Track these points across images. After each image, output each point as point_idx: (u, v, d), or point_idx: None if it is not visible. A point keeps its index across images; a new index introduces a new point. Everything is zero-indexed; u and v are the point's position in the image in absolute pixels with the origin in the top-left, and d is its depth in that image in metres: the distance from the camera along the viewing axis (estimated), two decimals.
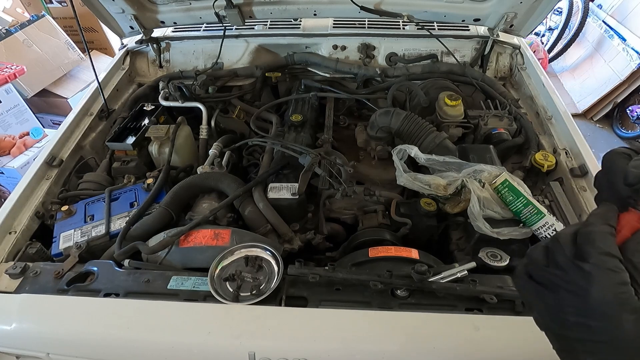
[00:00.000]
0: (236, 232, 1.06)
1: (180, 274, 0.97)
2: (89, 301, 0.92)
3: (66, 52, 3.39)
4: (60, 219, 1.20)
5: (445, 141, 1.28)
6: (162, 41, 1.86)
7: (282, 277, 0.92)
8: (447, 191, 1.09)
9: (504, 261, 0.99)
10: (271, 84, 1.90)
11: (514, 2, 1.49)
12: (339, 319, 0.86)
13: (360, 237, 1.15)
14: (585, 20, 4.03)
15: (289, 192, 1.21)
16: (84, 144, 1.51)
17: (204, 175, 1.29)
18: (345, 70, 1.77)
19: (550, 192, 1.23)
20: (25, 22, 3.24)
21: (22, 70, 2.88)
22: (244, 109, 1.73)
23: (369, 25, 1.87)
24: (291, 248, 1.14)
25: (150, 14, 1.71)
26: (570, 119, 1.43)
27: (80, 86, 3.38)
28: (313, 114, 1.61)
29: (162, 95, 1.62)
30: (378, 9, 1.58)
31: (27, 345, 0.91)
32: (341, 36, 1.81)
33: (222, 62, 1.83)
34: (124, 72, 1.80)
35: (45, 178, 1.31)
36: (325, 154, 1.30)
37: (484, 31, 1.74)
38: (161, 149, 1.45)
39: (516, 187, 1.02)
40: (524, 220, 1.02)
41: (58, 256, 1.12)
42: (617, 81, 3.49)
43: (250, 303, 0.88)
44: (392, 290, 0.92)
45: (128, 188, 1.29)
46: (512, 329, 0.84)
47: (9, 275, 1.00)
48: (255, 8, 1.64)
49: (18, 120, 2.91)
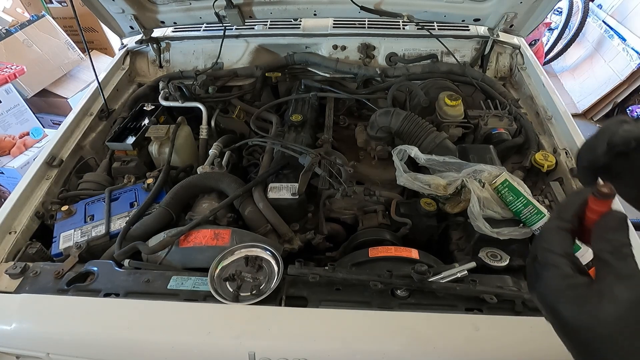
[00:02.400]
0: (236, 232, 1.06)
1: (180, 274, 0.97)
2: (89, 301, 0.92)
3: (66, 52, 3.39)
4: (60, 219, 1.20)
5: (445, 141, 1.28)
6: (162, 41, 1.86)
7: (282, 277, 0.92)
8: (447, 191, 1.09)
9: (504, 261, 0.99)
10: (271, 84, 1.90)
11: (514, 2, 1.49)
12: (339, 319, 0.86)
13: (360, 237, 1.15)
14: (585, 20, 4.03)
15: (289, 192, 1.21)
16: (84, 144, 1.51)
17: (204, 175, 1.29)
18: (345, 70, 1.77)
19: (550, 192, 1.23)
20: (25, 22, 3.24)
21: (22, 70, 2.88)
22: (244, 109, 1.73)
23: (369, 25, 1.87)
24: (291, 248, 1.14)
25: (150, 14, 1.71)
26: (570, 119, 1.43)
27: (80, 86, 3.38)
28: (313, 114, 1.61)
29: (162, 95, 1.62)
30: (378, 9, 1.58)
31: (27, 345, 0.91)
32: (341, 36, 1.81)
33: (222, 62, 1.83)
34: (124, 72, 1.80)
35: (45, 178, 1.31)
36: (325, 154, 1.30)
37: (484, 31, 1.74)
38: (161, 149, 1.45)
39: (516, 187, 1.02)
40: (524, 220, 1.02)
41: (58, 256, 1.12)
42: (617, 81, 3.50)
43: (250, 303, 0.88)
44: (392, 290, 0.92)
45: (128, 188, 1.29)
46: (512, 329, 0.84)
47: (9, 275, 1.00)
48: (255, 8, 1.64)
49: (18, 120, 2.91)
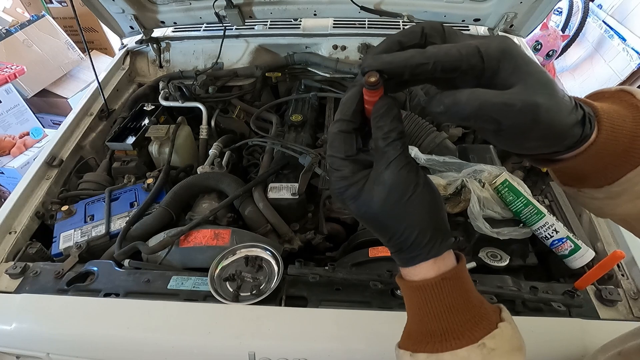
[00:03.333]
0: (236, 232, 1.06)
1: (180, 274, 0.97)
2: (89, 301, 0.92)
3: (66, 52, 3.39)
4: (60, 219, 1.20)
5: (445, 141, 1.28)
6: (162, 41, 1.86)
7: (282, 277, 0.92)
8: (447, 191, 1.09)
9: (504, 261, 0.99)
10: (271, 84, 1.90)
11: (514, 2, 1.49)
12: (339, 319, 0.86)
13: (361, 237, 1.15)
14: (585, 20, 4.03)
15: (289, 192, 1.21)
16: (84, 144, 1.51)
17: (204, 175, 1.29)
18: (345, 70, 1.77)
19: (550, 192, 1.23)
20: (25, 22, 3.24)
21: (22, 70, 2.88)
22: (244, 109, 1.73)
23: (369, 25, 1.87)
24: (291, 248, 1.14)
25: (150, 14, 1.71)
26: None
27: (80, 86, 3.37)
28: (313, 114, 1.61)
29: (162, 95, 1.62)
30: (378, 9, 1.58)
31: (27, 345, 0.91)
32: (341, 36, 1.80)
33: (222, 62, 1.82)
34: (124, 72, 1.80)
35: (45, 178, 1.31)
36: (325, 154, 1.29)
37: (484, 31, 1.74)
38: (161, 149, 1.45)
39: (516, 187, 1.02)
40: (524, 220, 1.02)
41: (58, 256, 1.12)
42: (617, 81, 3.49)
43: (250, 303, 0.88)
44: (392, 290, 0.92)
45: (128, 188, 1.29)
46: None
47: (9, 275, 1.00)
48: (255, 8, 1.64)
49: (18, 120, 2.91)
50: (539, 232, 1.01)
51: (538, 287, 0.87)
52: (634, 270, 0.94)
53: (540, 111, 0.37)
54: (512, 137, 0.40)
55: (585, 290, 0.89)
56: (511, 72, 0.38)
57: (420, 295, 0.44)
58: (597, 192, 0.46)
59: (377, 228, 0.45)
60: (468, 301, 0.44)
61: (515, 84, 0.38)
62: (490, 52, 0.37)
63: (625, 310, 0.88)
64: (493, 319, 0.44)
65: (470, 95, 0.37)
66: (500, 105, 0.37)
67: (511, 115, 0.37)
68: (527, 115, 0.37)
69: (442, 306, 0.43)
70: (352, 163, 0.44)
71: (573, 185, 0.49)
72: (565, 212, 1.15)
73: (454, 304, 0.43)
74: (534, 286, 0.88)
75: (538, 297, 0.86)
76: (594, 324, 0.84)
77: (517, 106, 0.37)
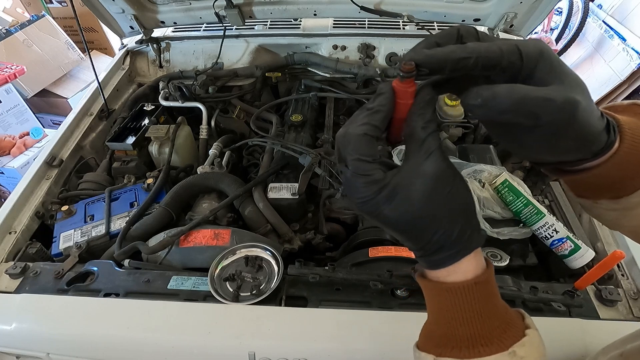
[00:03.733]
0: (236, 232, 1.06)
1: (180, 274, 0.97)
2: (89, 301, 0.92)
3: (66, 52, 3.39)
4: (60, 219, 1.20)
5: (445, 141, 1.28)
6: (162, 41, 1.86)
7: (282, 277, 0.92)
8: None
9: (504, 261, 0.99)
10: (271, 84, 1.90)
11: (514, 2, 1.49)
12: (339, 319, 0.86)
13: (360, 237, 1.15)
14: (585, 20, 4.03)
15: (289, 192, 1.21)
16: (84, 144, 1.51)
17: (204, 175, 1.29)
18: (345, 70, 1.77)
19: (550, 192, 1.23)
20: (25, 22, 3.24)
21: (22, 70, 2.88)
22: (244, 109, 1.73)
23: (369, 25, 1.87)
24: (291, 248, 1.14)
25: (150, 14, 1.71)
26: None
27: (80, 86, 3.37)
28: (313, 114, 1.61)
29: (162, 95, 1.62)
30: (378, 9, 1.58)
31: (27, 345, 0.91)
32: (341, 36, 1.80)
33: (222, 62, 1.82)
34: (124, 72, 1.80)
35: (45, 178, 1.31)
36: (325, 154, 1.29)
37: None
38: (161, 149, 1.45)
39: (516, 187, 1.02)
40: (524, 220, 1.02)
41: (58, 256, 1.12)
42: (617, 81, 3.49)
43: (250, 303, 0.88)
44: (392, 290, 0.92)
45: (128, 188, 1.29)
46: None
47: (9, 275, 1.00)
48: (255, 8, 1.64)
49: (18, 120, 2.91)
50: (539, 232, 1.01)
51: (538, 287, 0.87)
52: (634, 270, 0.94)
53: (579, 109, 0.37)
54: (547, 134, 0.40)
55: (585, 290, 0.89)
56: (548, 71, 0.38)
57: (449, 297, 0.43)
58: (615, 203, 0.46)
59: (414, 228, 0.42)
60: (495, 306, 0.43)
61: (552, 82, 0.38)
62: (529, 51, 0.38)
63: (625, 310, 0.88)
64: (519, 325, 0.43)
65: (510, 88, 0.37)
66: (541, 100, 0.36)
67: (551, 109, 0.37)
68: (566, 112, 0.37)
69: (471, 311, 0.42)
70: (382, 165, 0.42)
71: (589, 197, 0.49)
72: (565, 212, 1.15)
73: (484, 309, 0.42)
74: (534, 286, 0.88)
75: (538, 297, 0.86)
76: (594, 324, 0.84)
77: (557, 101, 0.37)
